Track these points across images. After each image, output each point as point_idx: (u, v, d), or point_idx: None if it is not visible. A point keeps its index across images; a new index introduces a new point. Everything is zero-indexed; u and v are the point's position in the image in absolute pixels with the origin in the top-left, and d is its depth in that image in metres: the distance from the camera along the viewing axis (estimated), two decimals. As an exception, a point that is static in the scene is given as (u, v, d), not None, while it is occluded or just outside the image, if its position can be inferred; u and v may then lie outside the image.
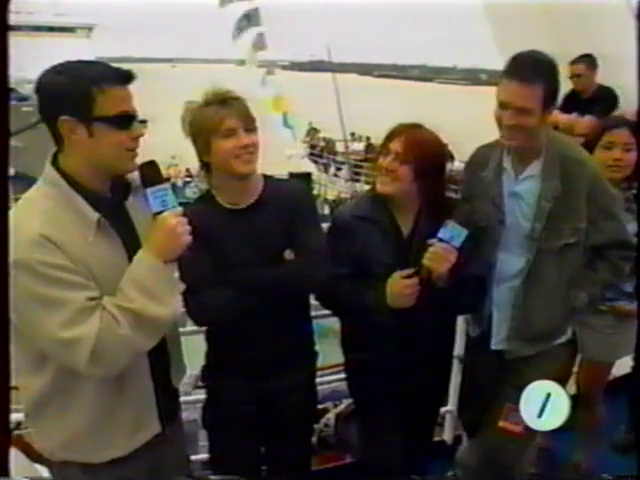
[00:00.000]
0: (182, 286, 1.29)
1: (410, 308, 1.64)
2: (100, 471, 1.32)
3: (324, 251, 1.62)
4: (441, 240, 1.57)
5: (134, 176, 1.33)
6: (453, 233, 1.57)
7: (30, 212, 1.24)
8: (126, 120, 1.25)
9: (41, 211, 1.23)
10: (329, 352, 2.22)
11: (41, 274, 1.18)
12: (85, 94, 1.21)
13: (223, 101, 1.52)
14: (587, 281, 1.80)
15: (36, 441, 1.37)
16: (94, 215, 1.26)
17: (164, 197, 1.24)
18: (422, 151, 1.65)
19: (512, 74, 1.65)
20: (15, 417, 1.71)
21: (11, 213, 1.23)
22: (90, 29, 23.95)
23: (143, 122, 1.31)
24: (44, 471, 1.43)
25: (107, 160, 1.26)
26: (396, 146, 1.66)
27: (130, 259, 1.27)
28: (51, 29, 21.92)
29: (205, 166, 1.60)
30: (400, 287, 1.61)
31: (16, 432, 2.16)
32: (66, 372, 1.25)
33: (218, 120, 1.51)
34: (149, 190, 1.25)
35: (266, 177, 1.65)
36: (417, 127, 1.70)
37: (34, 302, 1.18)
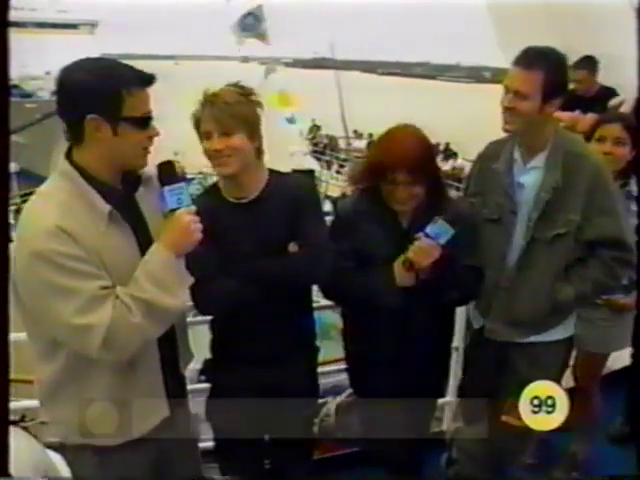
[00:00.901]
0: (191, 279, 1.34)
1: (410, 297, 1.69)
2: (112, 454, 1.38)
3: (327, 244, 1.66)
4: (427, 236, 1.64)
5: (144, 169, 1.40)
6: (440, 230, 1.63)
7: (46, 204, 1.29)
8: (147, 121, 1.32)
9: (56, 203, 1.28)
10: (331, 348, 2.24)
11: (56, 264, 1.23)
12: (115, 96, 1.27)
13: (204, 103, 1.57)
14: (575, 276, 1.83)
15: (51, 426, 1.42)
16: (106, 207, 1.31)
17: (180, 195, 1.32)
18: (412, 162, 1.68)
19: (516, 61, 1.75)
20: (17, 407, 1.74)
21: (28, 205, 1.32)
22: (93, 26, 23.95)
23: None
24: (57, 458, 1.47)
25: (126, 157, 1.32)
26: (384, 158, 1.69)
27: (141, 248, 1.34)
28: (54, 26, 21.92)
29: None
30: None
31: (21, 424, 2.19)
32: (78, 358, 1.31)
33: (197, 122, 1.58)
34: (166, 188, 1.32)
35: (271, 171, 1.67)
36: (400, 133, 1.72)
37: (49, 290, 1.24)
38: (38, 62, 17.32)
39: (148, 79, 1.32)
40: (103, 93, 1.27)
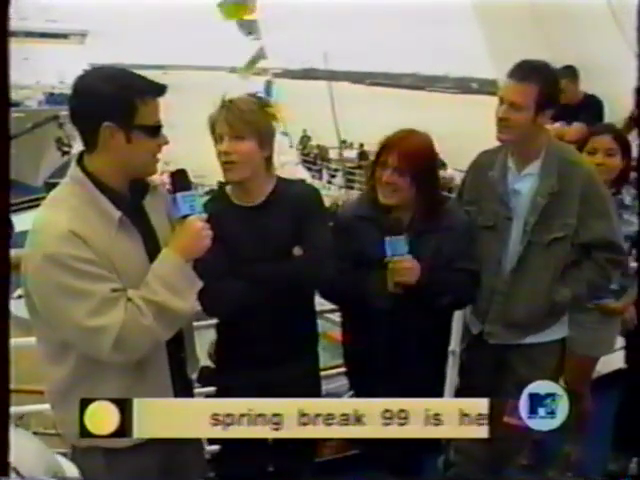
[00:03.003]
0: (200, 283, 1.37)
1: (403, 301, 1.73)
2: (121, 456, 1.39)
3: (330, 249, 1.69)
4: (393, 256, 1.70)
5: (153, 177, 1.45)
6: (393, 245, 1.70)
7: (58, 209, 1.32)
8: (158, 129, 1.36)
9: (68, 208, 1.31)
10: (322, 356, 2.24)
11: (69, 267, 1.26)
12: (129, 104, 1.31)
13: (220, 108, 1.62)
14: (571, 278, 1.88)
15: (61, 429, 1.44)
16: (116, 213, 1.34)
17: (192, 202, 1.37)
18: (417, 161, 1.75)
19: (511, 74, 1.82)
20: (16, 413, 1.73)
21: (39, 211, 1.35)
22: (83, 35, 23.92)
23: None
24: (67, 464, 1.48)
25: (137, 164, 1.36)
26: (393, 159, 1.75)
27: (149, 254, 1.37)
28: (44, 35, 21.87)
29: None
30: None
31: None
32: (87, 361, 1.34)
33: (212, 126, 1.63)
34: (179, 195, 1.36)
35: (279, 178, 1.72)
36: (410, 136, 1.79)
37: (62, 293, 1.27)
38: (27, 71, 17.26)
39: (160, 89, 1.37)
40: (119, 101, 1.31)
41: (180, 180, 1.41)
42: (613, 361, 2.53)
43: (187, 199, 1.37)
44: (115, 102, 1.31)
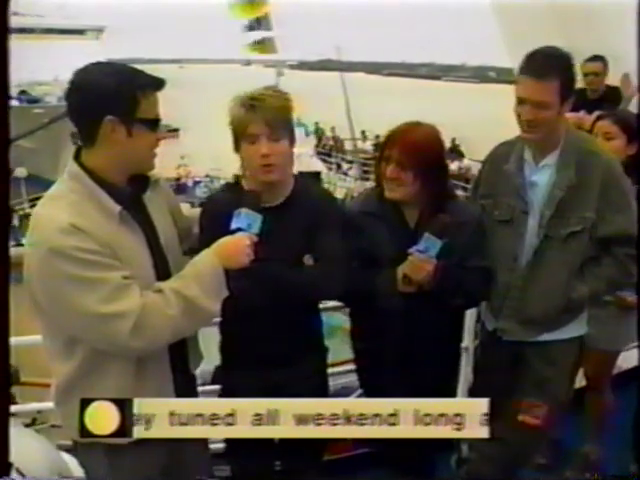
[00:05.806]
0: (226, 292, 1.39)
1: (415, 300, 1.69)
2: (123, 453, 1.38)
3: (343, 259, 1.66)
4: (419, 251, 1.67)
5: (154, 172, 1.45)
6: (428, 244, 1.66)
7: (57, 205, 1.32)
8: (157, 123, 1.36)
9: (68, 203, 1.31)
10: (339, 349, 2.24)
11: (76, 258, 1.26)
12: (131, 98, 1.31)
13: (252, 105, 1.54)
14: (590, 274, 1.82)
15: (64, 425, 1.43)
16: (116, 207, 1.34)
17: (252, 222, 1.43)
18: (421, 155, 1.69)
19: (528, 71, 1.71)
20: (28, 411, 1.75)
21: (37, 209, 1.35)
22: (100, 31, 24.08)
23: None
24: (71, 460, 1.48)
25: (137, 158, 1.37)
26: (396, 154, 1.70)
27: (150, 248, 1.39)
28: (61, 32, 22.05)
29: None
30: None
31: (32, 427, 2.20)
32: (93, 357, 1.34)
33: (244, 124, 1.56)
34: (244, 209, 1.43)
35: (296, 177, 1.67)
36: (413, 130, 1.73)
37: (72, 284, 1.27)
38: (45, 68, 17.43)
39: (160, 83, 1.37)
40: (121, 95, 1.30)
41: (254, 198, 1.47)
42: (635, 356, 2.47)
43: (250, 217, 1.42)
44: (117, 96, 1.30)
